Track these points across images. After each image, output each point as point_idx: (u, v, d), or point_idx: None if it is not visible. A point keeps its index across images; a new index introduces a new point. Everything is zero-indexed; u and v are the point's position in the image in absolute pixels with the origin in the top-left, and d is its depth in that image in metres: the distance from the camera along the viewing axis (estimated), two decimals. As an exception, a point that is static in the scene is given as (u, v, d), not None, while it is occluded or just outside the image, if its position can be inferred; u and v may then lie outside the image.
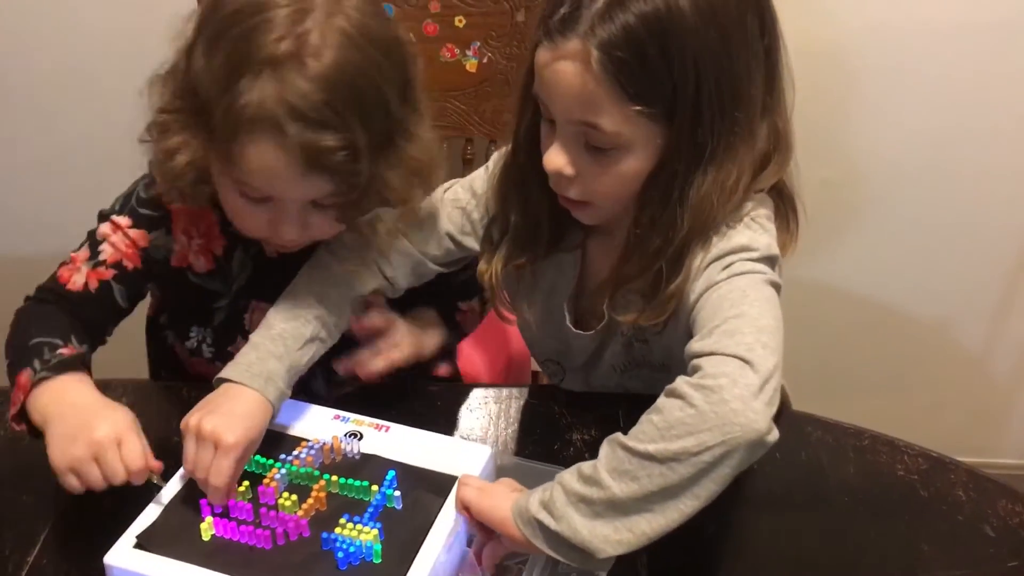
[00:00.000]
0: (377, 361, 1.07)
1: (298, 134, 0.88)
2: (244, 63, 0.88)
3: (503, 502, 0.86)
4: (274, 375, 0.95)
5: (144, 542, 0.87)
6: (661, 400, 0.82)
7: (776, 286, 0.92)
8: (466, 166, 1.59)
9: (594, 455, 0.86)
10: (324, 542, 0.87)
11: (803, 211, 1.01)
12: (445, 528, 0.88)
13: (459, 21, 1.49)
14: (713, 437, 0.77)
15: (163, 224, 1.08)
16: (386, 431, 0.99)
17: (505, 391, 1.14)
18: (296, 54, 0.88)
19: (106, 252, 1.07)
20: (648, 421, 0.82)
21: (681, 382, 0.82)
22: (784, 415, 1.06)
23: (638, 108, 0.87)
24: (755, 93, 0.91)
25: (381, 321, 1.08)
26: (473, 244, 1.10)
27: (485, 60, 1.51)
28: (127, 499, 0.91)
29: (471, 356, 1.42)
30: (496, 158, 1.08)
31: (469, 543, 0.92)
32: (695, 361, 0.83)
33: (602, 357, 1.08)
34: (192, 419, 0.90)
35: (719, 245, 0.92)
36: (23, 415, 0.95)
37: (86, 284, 1.06)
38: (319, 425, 1.00)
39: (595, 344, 1.07)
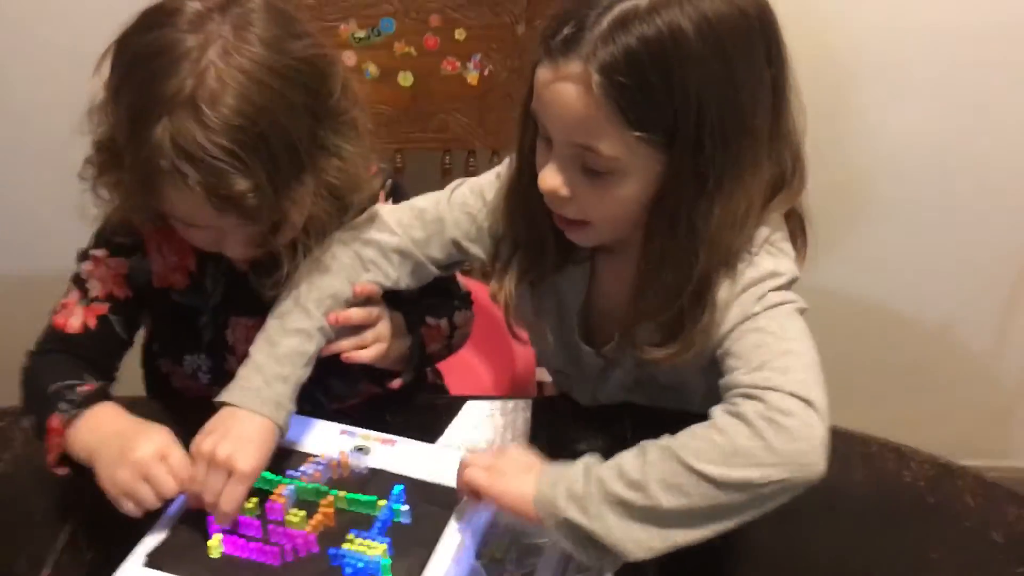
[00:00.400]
0: (363, 353, 1.04)
1: (201, 180, 0.87)
2: (145, 111, 0.88)
3: (520, 485, 0.85)
4: (282, 399, 0.95)
5: (154, 561, 0.87)
6: (722, 419, 0.83)
7: (803, 311, 0.93)
8: (470, 176, 1.59)
9: None
10: (332, 558, 0.87)
11: (809, 225, 1.01)
12: (453, 542, 0.88)
13: (459, 34, 1.49)
14: (779, 473, 0.80)
15: (137, 248, 1.08)
16: (393, 445, 1.00)
17: (511, 403, 1.14)
18: (192, 101, 0.87)
19: (95, 288, 1.07)
20: (708, 439, 0.82)
21: (748, 408, 0.82)
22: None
23: (638, 134, 0.86)
24: (761, 123, 0.89)
25: (363, 315, 1.05)
26: (478, 252, 1.08)
27: (486, 72, 1.51)
28: (137, 518, 0.92)
29: (477, 370, 1.43)
30: (508, 163, 1.06)
31: (478, 556, 0.93)
32: (749, 391, 0.84)
33: (610, 375, 1.08)
34: (206, 444, 0.90)
35: (747, 273, 0.92)
36: (64, 459, 0.96)
37: (84, 324, 1.06)
38: (326, 440, 1.00)
39: (603, 362, 1.07)
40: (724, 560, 0.94)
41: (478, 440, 1.09)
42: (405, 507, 0.91)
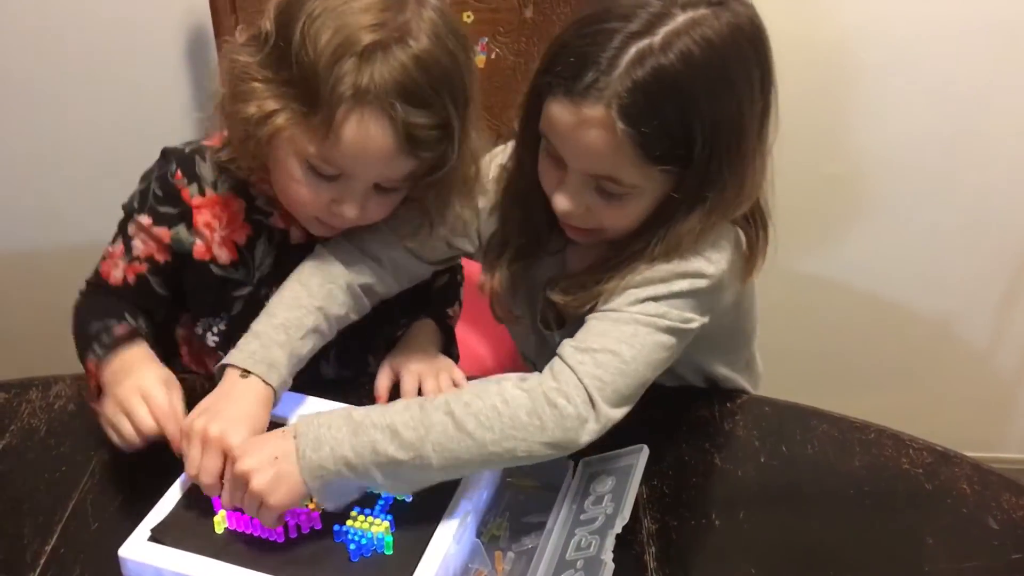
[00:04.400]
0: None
1: (403, 112, 0.91)
2: (351, 43, 0.90)
3: (291, 489, 0.85)
4: (277, 363, 0.97)
5: (158, 535, 0.88)
6: (512, 391, 0.88)
7: (678, 332, 0.94)
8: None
9: (594, 444, 0.90)
10: (336, 534, 0.88)
11: (774, 231, 1.02)
12: (455, 520, 0.89)
13: (467, 17, 1.49)
14: (542, 450, 0.87)
15: (183, 219, 1.09)
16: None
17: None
18: (400, 39, 0.91)
19: (137, 248, 1.11)
20: (493, 406, 0.87)
21: (539, 384, 0.88)
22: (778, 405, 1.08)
23: (660, 168, 0.90)
24: (753, 143, 0.93)
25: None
26: (466, 246, 1.12)
27: (493, 56, 1.51)
28: (142, 492, 0.93)
29: (477, 350, 1.43)
30: (487, 160, 1.09)
31: (478, 534, 0.94)
32: (557, 363, 0.91)
33: None
34: (197, 424, 0.91)
35: (667, 267, 0.94)
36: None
37: (124, 278, 1.11)
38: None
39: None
40: (723, 545, 0.94)
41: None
42: (408, 485, 0.92)
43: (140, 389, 0.94)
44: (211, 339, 1.16)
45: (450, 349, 1.22)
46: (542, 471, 0.98)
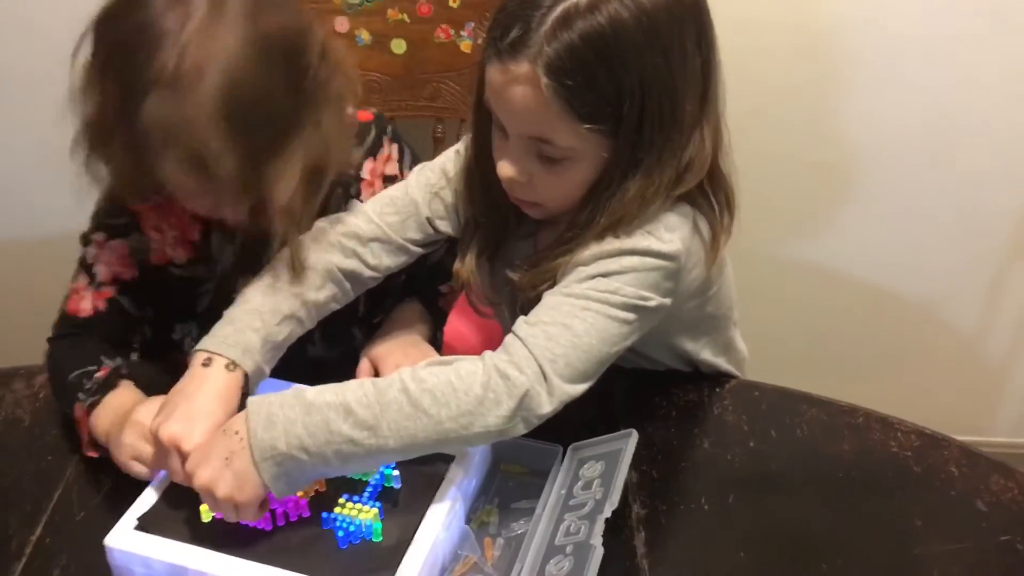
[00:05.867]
0: None
1: (186, 156, 0.88)
2: (131, 91, 0.87)
3: (254, 483, 0.84)
4: (251, 347, 0.96)
5: (145, 524, 0.87)
6: (467, 365, 0.87)
7: (636, 309, 0.93)
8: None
9: (583, 429, 0.91)
10: (324, 522, 0.88)
11: (748, 211, 1.02)
12: (443, 506, 0.89)
13: (453, 2, 1.48)
14: (497, 424, 0.85)
15: (133, 228, 1.09)
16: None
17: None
18: (175, 79, 0.86)
19: (100, 272, 1.09)
20: (448, 381, 0.85)
21: (493, 360, 0.87)
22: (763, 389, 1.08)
23: (588, 126, 0.89)
24: (690, 108, 0.92)
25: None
26: (447, 228, 1.11)
27: (479, 41, 1.50)
28: (128, 481, 0.92)
29: (460, 330, 1.43)
30: (467, 140, 1.09)
31: (467, 521, 0.93)
32: (513, 333, 0.91)
33: None
34: (152, 426, 0.90)
35: (616, 243, 0.94)
36: (95, 442, 0.99)
37: (95, 307, 1.08)
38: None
39: None
40: (713, 530, 0.94)
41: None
42: (396, 472, 0.92)
43: (144, 434, 0.92)
44: (189, 344, 1.13)
45: (438, 331, 1.21)
46: (531, 457, 0.98)
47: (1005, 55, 1.64)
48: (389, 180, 1.16)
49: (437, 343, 1.22)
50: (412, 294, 1.21)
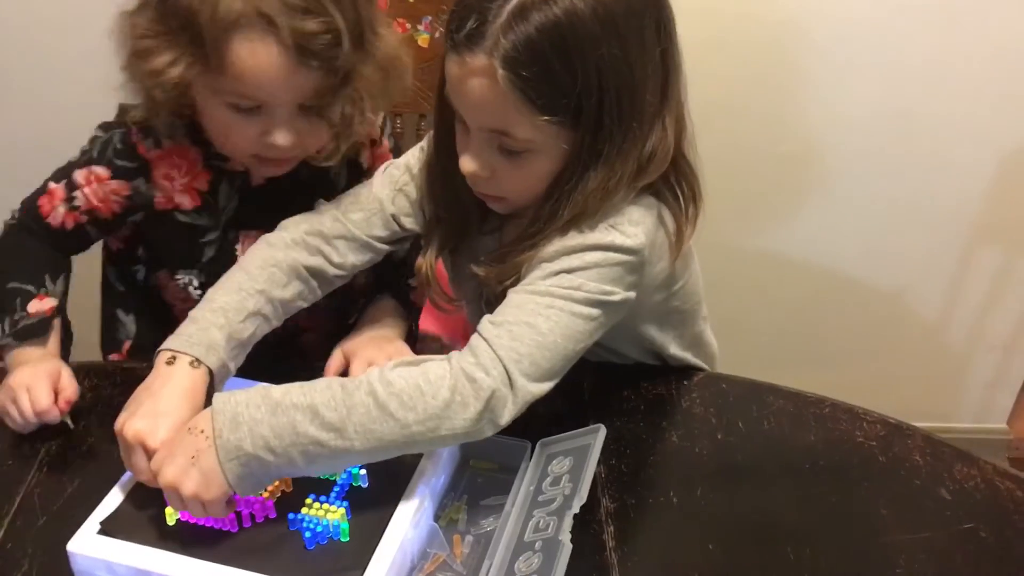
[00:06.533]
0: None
1: (287, 23, 0.92)
2: None
3: (220, 481, 0.83)
4: (215, 344, 0.95)
5: (108, 528, 0.86)
6: (435, 369, 0.87)
7: (600, 304, 0.93)
8: (420, 141, 1.58)
9: (552, 425, 0.90)
10: (291, 522, 0.87)
11: (714, 203, 1.02)
12: (411, 504, 0.88)
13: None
14: (463, 426, 0.86)
15: (142, 173, 1.11)
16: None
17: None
18: None
19: (80, 199, 1.12)
20: (416, 385, 0.85)
21: (460, 362, 0.87)
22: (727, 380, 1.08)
23: (546, 118, 0.89)
24: (651, 99, 0.92)
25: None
26: (412, 225, 1.11)
27: (437, 35, 1.49)
28: (92, 485, 0.91)
29: (432, 321, 1.42)
30: (430, 137, 1.09)
31: (436, 518, 0.93)
32: (478, 333, 0.90)
33: None
34: (117, 424, 0.90)
35: (580, 238, 0.94)
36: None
37: (63, 223, 1.13)
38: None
39: None
40: (680, 521, 0.95)
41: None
42: (363, 471, 0.91)
43: (26, 383, 1.00)
44: (193, 292, 1.17)
45: (412, 324, 1.21)
46: (500, 453, 0.98)
47: (963, 45, 1.66)
48: (372, 143, 1.20)
49: (414, 336, 1.22)
50: (383, 289, 1.21)
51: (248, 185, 1.14)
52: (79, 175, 1.12)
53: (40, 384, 1.00)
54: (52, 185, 1.13)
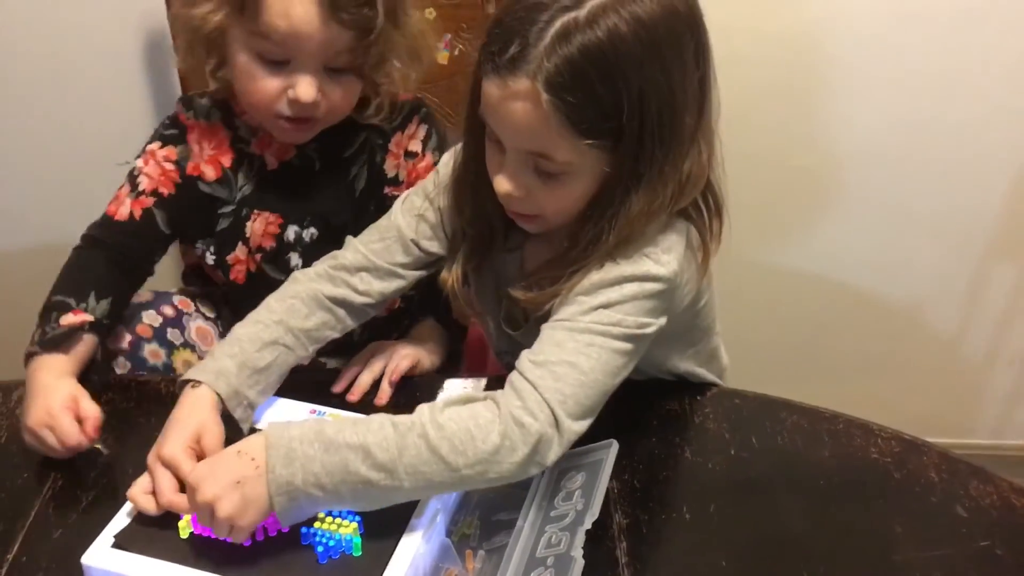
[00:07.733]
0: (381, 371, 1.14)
1: None
2: None
3: (261, 510, 0.84)
4: (225, 371, 0.98)
5: (122, 541, 0.87)
6: (485, 411, 0.87)
7: (635, 338, 0.94)
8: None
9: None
10: (304, 537, 0.87)
11: (728, 221, 1.02)
12: (424, 519, 0.88)
13: (429, 13, 1.48)
14: (511, 470, 0.87)
15: (183, 137, 1.20)
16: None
17: (483, 380, 1.14)
18: None
19: (143, 183, 1.18)
20: (466, 428, 0.86)
21: (508, 404, 0.88)
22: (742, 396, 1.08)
23: (588, 142, 0.89)
24: (689, 122, 0.92)
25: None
26: (435, 248, 1.11)
27: (456, 52, 1.50)
28: (106, 498, 0.91)
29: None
30: (446, 159, 1.10)
31: (448, 533, 0.93)
32: (517, 378, 0.90)
33: None
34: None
35: (616, 270, 0.94)
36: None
37: (131, 214, 1.17)
38: (295, 419, 1.00)
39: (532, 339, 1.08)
40: (693, 538, 0.94)
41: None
42: (376, 486, 0.91)
43: (46, 423, 0.97)
44: (209, 258, 1.24)
45: (457, 343, 1.26)
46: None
47: (986, 61, 1.65)
48: (410, 156, 1.25)
49: (458, 355, 1.27)
50: (424, 311, 1.26)
51: (264, 169, 1.21)
52: (139, 162, 1.19)
53: (61, 420, 0.97)
54: (117, 192, 1.19)
